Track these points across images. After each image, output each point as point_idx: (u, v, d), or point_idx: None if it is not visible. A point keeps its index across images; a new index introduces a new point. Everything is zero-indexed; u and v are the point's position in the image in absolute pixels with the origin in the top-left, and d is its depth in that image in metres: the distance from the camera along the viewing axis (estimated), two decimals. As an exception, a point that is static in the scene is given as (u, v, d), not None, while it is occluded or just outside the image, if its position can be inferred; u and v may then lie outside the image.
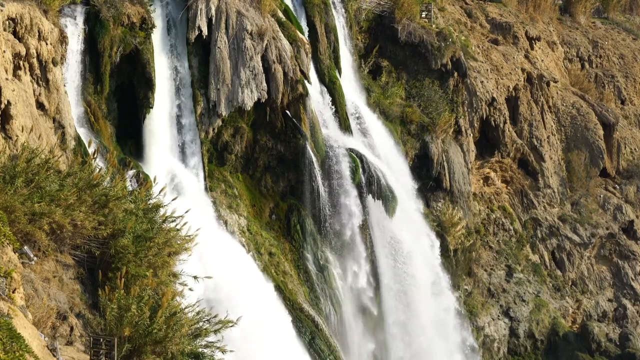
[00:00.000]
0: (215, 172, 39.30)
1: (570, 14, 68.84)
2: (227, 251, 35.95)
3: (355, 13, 49.17)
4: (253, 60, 38.76)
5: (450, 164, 49.29)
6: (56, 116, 30.62)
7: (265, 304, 35.51)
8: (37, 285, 19.22)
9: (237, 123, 39.70)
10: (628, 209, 59.05)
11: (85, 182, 21.19)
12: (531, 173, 56.28)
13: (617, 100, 65.77)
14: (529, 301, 52.41)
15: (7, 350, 13.54)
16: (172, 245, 21.79)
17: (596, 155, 59.22)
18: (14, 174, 19.90)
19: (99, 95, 35.02)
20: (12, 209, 18.98)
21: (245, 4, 39.52)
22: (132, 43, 35.56)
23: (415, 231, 45.54)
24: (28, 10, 29.32)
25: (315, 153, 40.85)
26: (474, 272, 51.55)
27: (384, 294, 43.46)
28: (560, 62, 64.06)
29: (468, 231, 50.65)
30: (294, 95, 40.37)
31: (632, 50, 69.11)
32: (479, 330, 49.81)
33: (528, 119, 56.47)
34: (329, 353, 38.08)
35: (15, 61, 28.40)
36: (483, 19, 60.24)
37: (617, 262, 57.52)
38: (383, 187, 42.75)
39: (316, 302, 40.00)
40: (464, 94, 51.65)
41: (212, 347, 20.23)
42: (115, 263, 20.55)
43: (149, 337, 18.59)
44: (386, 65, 50.25)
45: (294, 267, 40.30)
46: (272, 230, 40.77)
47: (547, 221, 55.98)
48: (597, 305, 55.65)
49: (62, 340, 18.35)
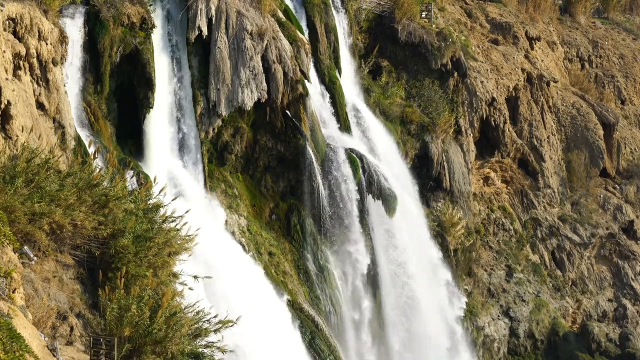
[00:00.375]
0: (215, 172, 39.28)
1: (570, 14, 68.83)
2: (226, 251, 35.94)
3: (355, 13, 49.17)
4: (253, 60, 38.75)
5: (450, 164, 49.29)
6: (56, 116, 30.61)
7: (265, 304, 35.50)
8: (37, 285, 19.22)
9: (237, 123, 39.69)
10: (628, 209, 59.04)
11: (85, 182, 21.19)
12: (531, 173, 56.26)
13: (617, 100, 65.76)
14: (529, 301, 52.40)
15: (7, 350, 13.54)
16: (172, 245, 21.79)
17: (596, 155, 59.21)
18: (14, 174, 19.89)
19: (99, 95, 35.01)
20: (12, 209, 18.98)
21: (245, 4, 39.51)
22: (132, 43, 35.54)
23: (415, 231, 45.53)
24: (28, 10, 29.31)
25: (315, 153, 40.84)
26: (474, 272, 51.54)
27: (384, 293, 43.47)
28: (560, 62, 64.05)
29: (468, 231, 50.65)
30: (294, 95, 40.35)
31: (632, 50, 69.10)
32: (479, 330, 49.79)
33: (528, 119, 56.46)
34: (329, 353, 38.07)
35: (15, 61, 28.39)
36: (483, 19, 60.23)
37: (617, 262, 57.50)
38: (383, 187, 42.75)
39: (316, 302, 39.99)
40: (464, 94, 51.65)
41: (212, 347, 20.23)
42: (115, 263, 20.54)
43: (149, 337, 18.60)
44: (386, 65, 50.25)
45: (294, 267, 40.28)
46: (272, 230, 40.76)
47: (547, 221, 55.97)
48: (597, 305, 55.64)
49: (62, 340, 18.35)
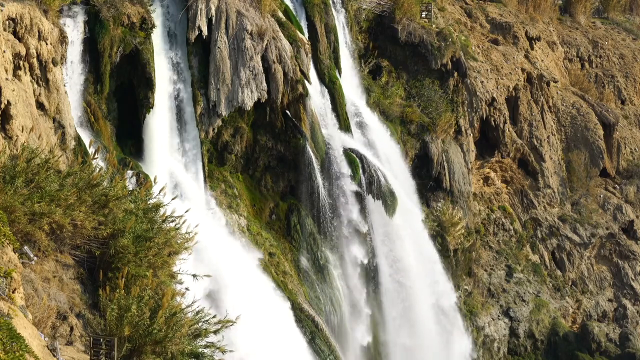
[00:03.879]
0: (215, 172, 39.29)
1: (570, 14, 68.83)
2: (226, 251, 35.95)
3: (355, 13, 49.16)
4: (253, 60, 38.75)
5: (450, 164, 49.28)
6: (56, 116, 30.62)
7: (266, 303, 35.51)
8: (37, 285, 19.20)
9: (237, 123, 39.69)
10: (628, 209, 59.04)
11: (85, 182, 21.15)
12: (531, 173, 56.26)
13: (617, 100, 65.76)
14: (529, 301, 52.40)
15: (7, 350, 13.53)
16: (172, 245, 21.76)
17: (596, 155, 59.21)
18: (14, 174, 19.86)
19: (99, 95, 35.02)
20: (12, 209, 18.95)
21: (245, 4, 39.51)
22: (132, 43, 35.55)
23: (414, 231, 45.54)
24: (28, 10, 29.31)
25: (315, 153, 40.84)
26: (474, 272, 51.54)
27: (384, 293, 43.47)
28: (560, 62, 64.05)
29: (468, 231, 50.64)
30: (294, 95, 40.35)
31: (632, 50, 69.09)
32: (479, 330, 49.79)
33: (528, 119, 56.47)
34: (329, 353, 38.07)
35: (15, 61, 28.40)
36: (483, 19, 60.23)
37: (617, 262, 57.51)
38: (383, 187, 42.75)
39: (316, 302, 40.00)
40: (464, 94, 51.64)
41: (212, 347, 20.21)
42: (115, 263, 20.51)
43: (149, 337, 18.57)
44: (386, 65, 50.24)
45: (294, 267, 40.28)
46: (272, 230, 40.76)
47: (547, 221, 55.97)
48: (597, 305, 55.64)
49: (62, 340, 18.34)
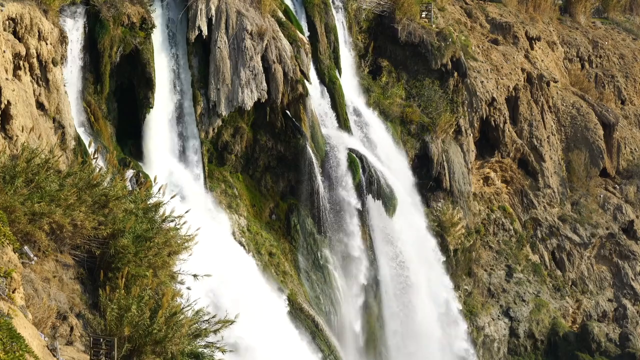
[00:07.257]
0: (215, 172, 39.29)
1: (570, 14, 68.82)
2: (226, 251, 35.95)
3: (355, 13, 49.17)
4: (253, 60, 38.75)
5: (450, 164, 49.28)
6: (56, 116, 30.62)
7: (265, 303, 35.52)
8: (37, 285, 19.20)
9: (237, 123, 39.69)
10: (628, 209, 59.03)
11: (85, 182, 21.15)
12: (531, 173, 56.25)
13: (617, 100, 65.76)
14: (529, 301, 52.40)
15: (7, 350, 13.53)
16: (172, 245, 21.76)
17: (596, 155, 59.21)
18: (14, 174, 19.85)
19: (99, 95, 35.02)
20: (12, 209, 18.94)
21: (245, 4, 39.51)
22: (132, 43, 35.55)
23: (414, 231, 45.53)
24: (28, 10, 29.31)
25: (315, 153, 40.84)
26: (474, 272, 51.54)
27: (384, 293, 43.47)
28: (560, 62, 64.05)
29: (468, 231, 50.64)
30: (294, 95, 40.35)
31: (632, 50, 69.10)
32: (479, 330, 49.78)
33: (528, 119, 56.46)
34: (329, 353, 38.08)
35: (15, 61, 28.40)
36: (483, 19, 60.22)
37: (617, 262, 57.50)
38: (383, 187, 42.75)
39: (316, 302, 40.00)
40: (464, 94, 51.64)
41: (212, 347, 20.21)
42: (115, 263, 20.50)
43: (149, 337, 18.57)
44: (386, 65, 50.24)
45: (294, 267, 40.29)
46: (272, 230, 40.76)
47: (547, 221, 55.97)
48: (597, 305, 55.63)
49: (62, 340, 18.33)
